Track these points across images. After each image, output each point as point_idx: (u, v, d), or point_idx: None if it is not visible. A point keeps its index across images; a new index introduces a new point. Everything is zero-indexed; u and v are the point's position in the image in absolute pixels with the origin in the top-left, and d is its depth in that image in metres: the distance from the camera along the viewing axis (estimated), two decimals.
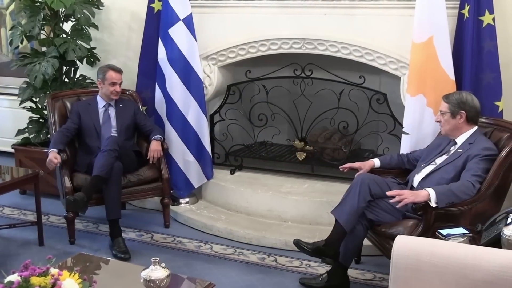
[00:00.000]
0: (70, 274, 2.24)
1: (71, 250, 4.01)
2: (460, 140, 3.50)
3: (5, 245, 4.20)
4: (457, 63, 3.92)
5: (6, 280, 2.16)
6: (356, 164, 3.83)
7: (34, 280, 2.13)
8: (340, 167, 3.94)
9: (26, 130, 5.26)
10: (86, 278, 2.30)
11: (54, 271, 2.22)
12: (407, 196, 3.17)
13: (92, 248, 4.16)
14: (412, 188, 3.53)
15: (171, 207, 4.69)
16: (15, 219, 4.67)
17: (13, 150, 5.35)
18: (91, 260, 3.10)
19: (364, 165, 3.79)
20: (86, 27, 5.13)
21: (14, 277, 2.16)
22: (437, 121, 3.61)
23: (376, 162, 3.82)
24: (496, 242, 2.73)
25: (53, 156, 4.09)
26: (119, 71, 4.46)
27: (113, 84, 4.40)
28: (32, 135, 5.23)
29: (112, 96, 4.43)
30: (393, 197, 3.25)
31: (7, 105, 6.21)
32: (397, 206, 3.22)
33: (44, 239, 4.23)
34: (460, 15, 3.95)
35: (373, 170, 3.77)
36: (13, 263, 3.74)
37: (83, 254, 3.16)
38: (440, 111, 3.55)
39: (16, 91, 5.29)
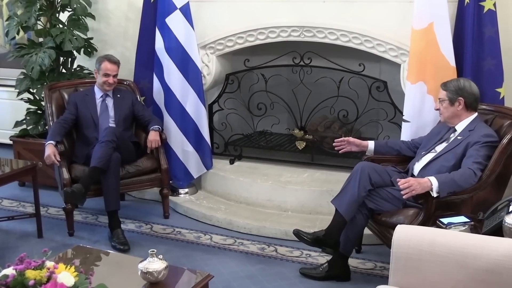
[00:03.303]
0: (66, 267, 2.21)
1: (70, 242, 3.98)
2: (459, 127, 3.46)
3: (4, 238, 4.18)
4: (457, 50, 3.88)
5: (1, 274, 2.13)
6: (349, 139, 3.82)
7: (29, 273, 2.10)
8: (335, 141, 3.88)
9: (24, 121, 5.23)
10: (82, 271, 2.27)
11: (49, 264, 2.19)
12: (415, 188, 3.12)
13: (91, 240, 4.14)
14: (412, 176, 3.49)
15: (171, 197, 4.67)
16: (14, 211, 4.65)
17: (11, 142, 5.32)
18: (89, 252, 3.08)
19: (355, 141, 3.79)
20: (82, 17, 5.09)
21: (9, 271, 2.13)
22: (436, 109, 3.58)
23: (370, 145, 3.79)
24: (498, 230, 2.71)
25: (52, 152, 4.05)
26: (115, 62, 4.40)
27: (106, 75, 4.34)
28: (30, 127, 5.20)
29: (105, 87, 4.38)
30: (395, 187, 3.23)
31: (4, 96, 6.17)
32: (404, 197, 3.18)
33: (43, 231, 4.21)
34: (461, 1, 3.91)
35: (372, 158, 3.74)
36: (12, 256, 3.69)
37: (80, 246, 3.13)
38: (439, 98, 3.52)
39: (14, 83, 5.25)
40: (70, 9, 5.10)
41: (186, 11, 4.53)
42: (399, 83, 4.23)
